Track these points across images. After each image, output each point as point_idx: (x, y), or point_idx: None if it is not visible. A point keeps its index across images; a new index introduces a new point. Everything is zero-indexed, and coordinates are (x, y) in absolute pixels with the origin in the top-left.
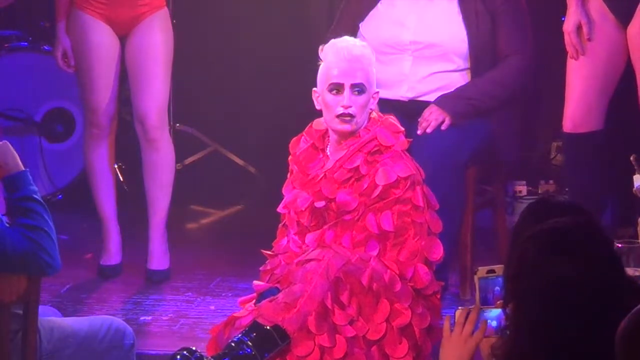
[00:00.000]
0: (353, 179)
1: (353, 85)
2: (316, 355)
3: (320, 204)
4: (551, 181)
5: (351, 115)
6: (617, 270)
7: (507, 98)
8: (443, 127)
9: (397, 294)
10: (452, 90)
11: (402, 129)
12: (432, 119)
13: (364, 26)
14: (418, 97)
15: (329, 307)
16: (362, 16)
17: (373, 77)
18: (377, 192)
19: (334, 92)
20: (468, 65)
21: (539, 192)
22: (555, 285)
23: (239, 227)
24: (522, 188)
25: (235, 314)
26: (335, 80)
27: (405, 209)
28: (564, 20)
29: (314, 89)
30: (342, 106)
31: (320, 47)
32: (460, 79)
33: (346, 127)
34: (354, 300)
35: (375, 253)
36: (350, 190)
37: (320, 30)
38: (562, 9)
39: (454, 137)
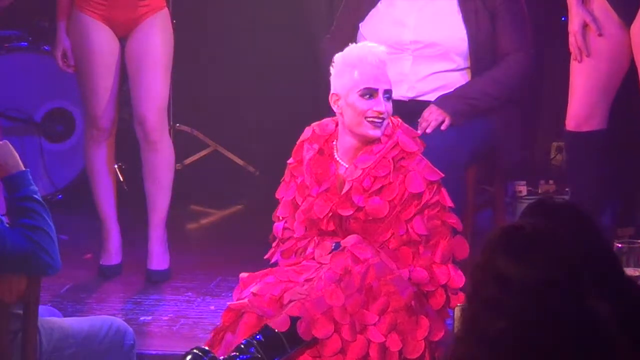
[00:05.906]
0: (379, 186)
1: (385, 91)
2: (337, 342)
3: (347, 212)
4: (551, 181)
5: (383, 119)
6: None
7: (507, 97)
8: (443, 128)
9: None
10: (452, 89)
11: (418, 132)
12: (431, 119)
13: (363, 26)
14: (418, 96)
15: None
16: (362, 16)
17: None
18: (408, 198)
19: (367, 97)
20: (468, 64)
21: (539, 192)
22: (493, 282)
23: (239, 227)
24: (522, 188)
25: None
26: (369, 85)
27: (434, 212)
28: (564, 21)
29: (333, 92)
30: (377, 111)
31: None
32: (460, 78)
33: (377, 132)
34: (389, 315)
35: (409, 260)
36: (380, 197)
37: (320, 30)
38: (562, 9)
39: (453, 138)
